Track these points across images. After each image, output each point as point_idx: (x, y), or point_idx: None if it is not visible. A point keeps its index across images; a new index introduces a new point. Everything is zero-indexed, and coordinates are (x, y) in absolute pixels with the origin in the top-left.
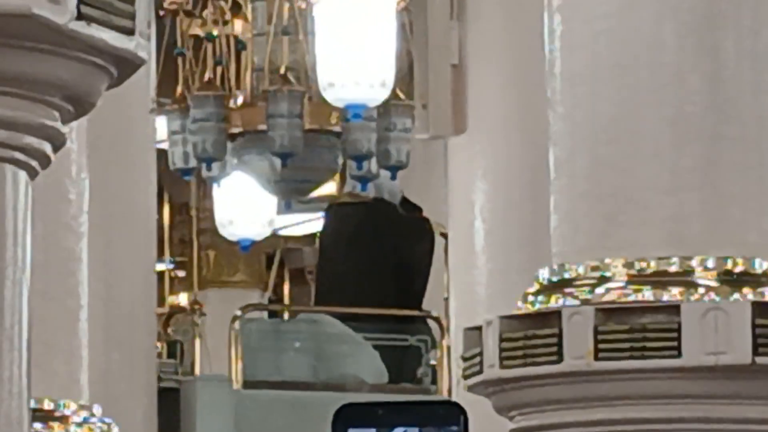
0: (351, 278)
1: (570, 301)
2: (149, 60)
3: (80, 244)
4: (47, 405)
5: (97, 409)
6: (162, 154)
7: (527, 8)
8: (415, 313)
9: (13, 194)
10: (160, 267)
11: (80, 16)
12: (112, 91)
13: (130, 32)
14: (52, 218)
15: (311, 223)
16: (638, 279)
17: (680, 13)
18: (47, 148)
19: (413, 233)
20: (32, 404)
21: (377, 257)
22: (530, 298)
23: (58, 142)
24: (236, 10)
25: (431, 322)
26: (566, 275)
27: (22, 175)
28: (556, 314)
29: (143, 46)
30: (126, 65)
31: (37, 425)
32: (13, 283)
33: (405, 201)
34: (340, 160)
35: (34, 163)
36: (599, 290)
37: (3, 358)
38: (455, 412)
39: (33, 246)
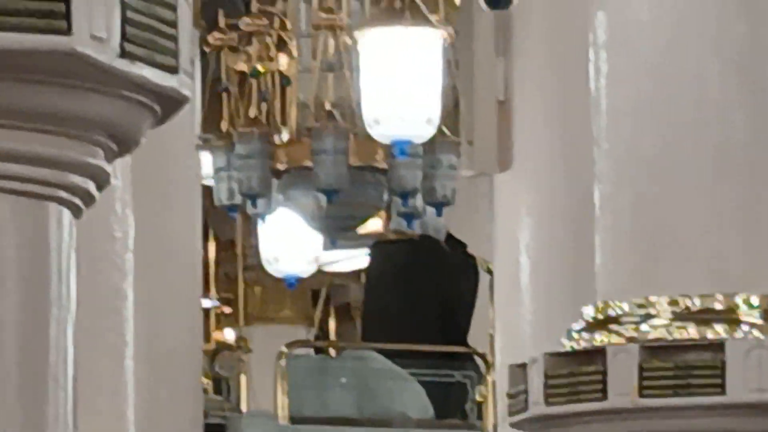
0: (397, 315)
1: (615, 339)
2: (194, 96)
3: (126, 282)
4: None
5: None
6: (207, 191)
7: (572, 44)
8: (461, 349)
9: (57, 233)
10: (206, 304)
11: (123, 54)
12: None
13: (173, 70)
14: (98, 256)
15: (357, 259)
16: (682, 316)
17: (725, 49)
18: (91, 186)
19: (458, 270)
20: None
21: (423, 294)
22: (575, 335)
23: (102, 180)
24: (281, 45)
25: (477, 359)
26: (610, 313)
27: (66, 213)
28: (601, 352)
29: (187, 83)
30: (170, 103)
31: None
32: (58, 322)
33: (450, 237)
34: (386, 197)
35: (78, 201)
36: (643, 327)
37: (49, 397)
38: None
39: (78, 284)
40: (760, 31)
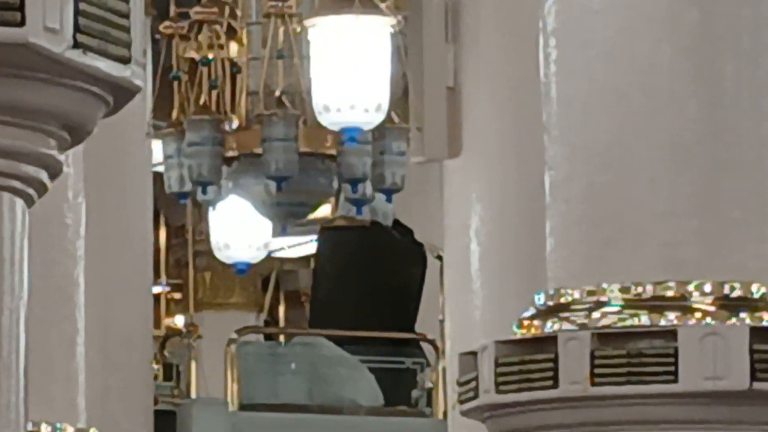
0: (346, 301)
1: (566, 326)
2: (145, 84)
3: (77, 269)
4: (45, 429)
5: (93, 431)
6: (158, 178)
7: (523, 31)
8: (411, 335)
9: (10, 222)
10: (157, 290)
11: (76, 45)
12: None
13: (126, 60)
14: (50, 243)
15: (307, 245)
16: (635, 304)
17: (678, 37)
18: (44, 176)
19: (408, 257)
20: (30, 428)
21: (372, 281)
22: (526, 322)
23: (54, 170)
24: (231, 33)
25: (426, 345)
26: (562, 300)
27: (20, 203)
28: (552, 339)
29: (139, 74)
30: (122, 93)
31: None
32: (11, 311)
33: (397, 224)
34: (335, 184)
35: (31, 191)
36: (595, 315)
37: (1, 386)
38: None
39: (31, 272)
40: (712, 18)
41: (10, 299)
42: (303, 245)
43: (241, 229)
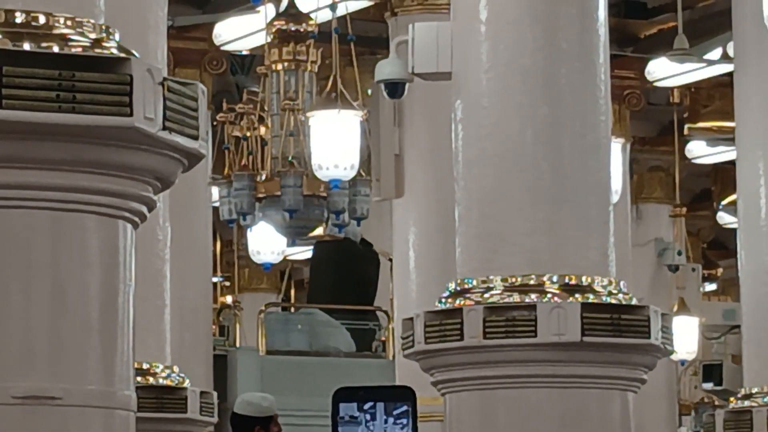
0: (330, 287)
1: (467, 302)
2: (207, 152)
3: (165, 267)
4: (144, 366)
5: (176, 368)
6: (215, 210)
7: (442, 118)
8: (371, 307)
9: (123, 239)
10: (215, 279)
11: (164, 128)
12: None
13: (195, 138)
14: (148, 251)
15: (307, 252)
16: (510, 288)
17: (534, 122)
18: (144, 209)
19: (368, 260)
20: (135, 365)
21: (346, 274)
22: (443, 300)
23: (151, 205)
24: (261, 120)
25: (381, 314)
26: (466, 286)
27: (129, 226)
28: (459, 310)
29: (204, 146)
30: (193, 158)
31: (139, 378)
32: (125, 294)
33: (363, 240)
34: (326, 214)
35: (137, 219)
36: (486, 296)
37: (117, 339)
38: (409, 393)
39: (136, 269)
40: (556, 110)
41: (124, 286)
42: (305, 252)
43: (266, 242)
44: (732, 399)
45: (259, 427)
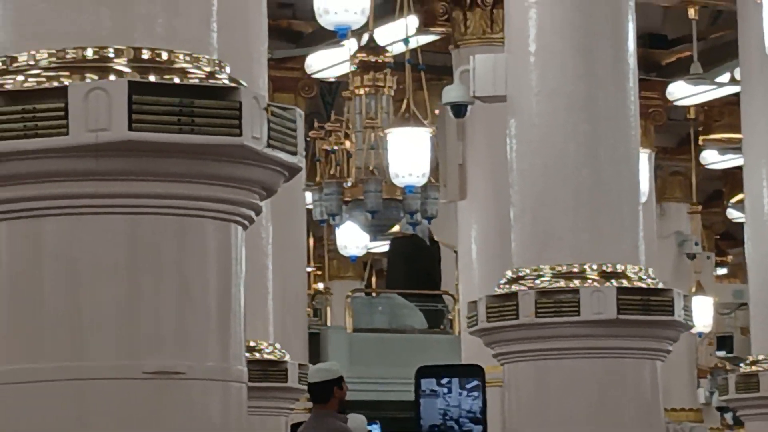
0: (404, 275)
1: (521, 288)
2: (303, 164)
3: (268, 260)
4: (252, 343)
5: (278, 345)
6: (308, 212)
7: (499, 134)
8: (440, 291)
9: (234, 239)
10: (308, 269)
11: (269, 145)
12: None
13: (294, 153)
14: (254, 247)
15: (386, 246)
16: (557, 276)
17: (577, 137)
18: (252, 214)
19: (431, 252)
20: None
21: (417, 264)
22: (501, 285)
23: (258, 211)
24: (347, 136)
25: (448, 297)
26: (520, 274)
27: (240, 229)
28: (515, 294)
29: (301, 159)
30: (292, 170)
31: (247, 354)
32: (236, 284)
33: (431, 236)
34: (402, 215)
35: (246, 222)
36: (537, 281)
37: (231, 322)
38: (479, 370)
39: (244, 262)
40: (595, 127)
41: (236, 278)
42: (384, 246)
43: (352, 238)
44: (742, 365)
45: (336, 387)
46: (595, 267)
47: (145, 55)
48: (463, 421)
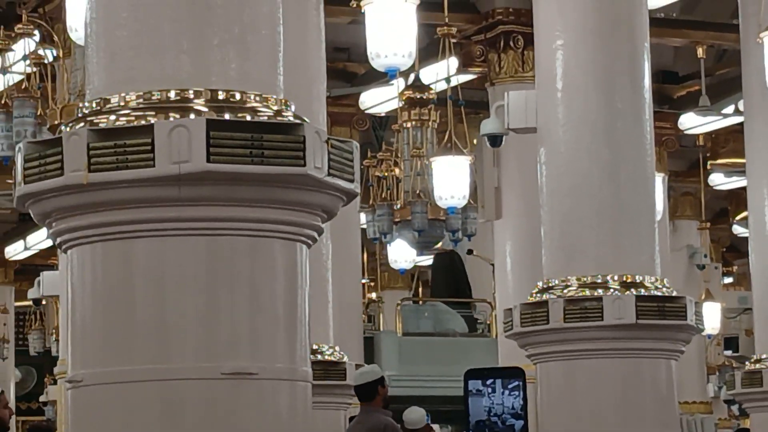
0: (445, 285)
1: (551, 297)
2: (359, 189)
3: (328, 274)
4: (315, 347)
5: (337, 348)
6: (363, 231)
7: (530, 161)
8: (478, 299)
9: (300, 256)
10: (363, 281)
11: (329, 174)
12: None
13: (351, 180)
14: (316, 261)
15: (430, 260)
16: (583, 285)
17: (600, 163)
18: (315, 234)
19: (463, 267)
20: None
21: (456, 275)
22: (534, 294)
23: (320, 231)
24: (396, 164)
25: (485, 305)
26: (550, 284)
27: (304, 247)
28: (546, 302)
29: (357, 185)
30: (350, 195)
31: (311, 356)
32: (301, 295)
33: (470, 251)
34: (444, 233)
35: (310, 242)
36: (565, 291)
37: (297, 328)
38: (519, 371)
39: (309, 276)
40: (615, 154)
41: (301, 290)
42: (429, 260)
43: (401, 253)
44: (747, 363)
45: (380, 386)
46: (616, 278)
47: (221, 96)
48: (505, 417)
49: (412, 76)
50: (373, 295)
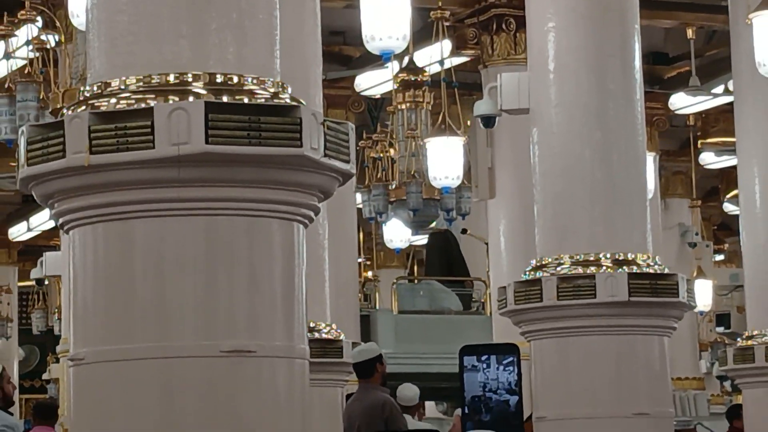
0: (439, 263)
1: (545, 275)
2: (355, 170)
3: (325, 253)
4: (312, 324)
5: (334, 326)
6: (359, 211)
7: (523, 141)
8: (473, 278)
9: (297, 236)
10: (359, 260)
11: (325, 155)
12: None
13: (347, 161)
14: (313, 241)
15: (425, 239)
16: (576, 263)
17: (592, 143)
18: (312, 214)
19: (458, 246)
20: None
21: (450, 254)
22: (527, 272)
23: (316, 211)
24: (391, 145)
25: (481, 283)
26: (543, 262)
27: (301, 227)
28: (539, 280)
29: (353, 166)
30: (346, 176)
31: (308, 334)
32: (299, 274)
33: (464, 230)
34: (439, 212)
35: (307, 221)
36: (558, 268)
37: (295, 306)
38: (514, 348)
39: (306, 255)
40: (607, 134)
41: (298, 269)
42: (424, 239)
43: (397, 232)
44: (739, 339)
45: (378, 363)
46: (608, 255)
47: (219, 79)
48: (500, 392)
49: (406, 59)
50: (369, 274)
